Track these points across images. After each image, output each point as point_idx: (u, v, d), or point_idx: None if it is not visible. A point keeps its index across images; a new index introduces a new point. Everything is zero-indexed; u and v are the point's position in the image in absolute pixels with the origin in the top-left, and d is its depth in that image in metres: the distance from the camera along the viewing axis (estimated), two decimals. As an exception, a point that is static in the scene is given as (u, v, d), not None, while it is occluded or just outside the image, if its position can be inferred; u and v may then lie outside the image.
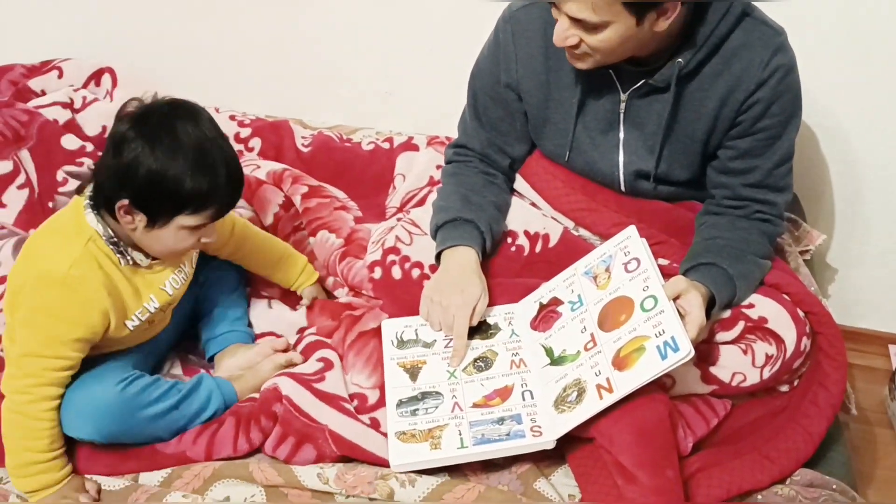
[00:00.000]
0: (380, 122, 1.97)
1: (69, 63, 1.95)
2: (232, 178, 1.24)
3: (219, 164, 1.21)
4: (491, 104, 1.48)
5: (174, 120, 1.20)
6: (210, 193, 1.21)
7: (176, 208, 1.21)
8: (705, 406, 1.35)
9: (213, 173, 1.20)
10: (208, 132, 1.22)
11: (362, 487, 1.24)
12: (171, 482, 1.27)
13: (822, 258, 1.86)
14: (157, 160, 1.18)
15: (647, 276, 1.27)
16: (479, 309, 1.37)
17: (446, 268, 1.41)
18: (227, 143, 1.26)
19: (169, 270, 1.33)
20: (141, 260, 1.29)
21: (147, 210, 1.21)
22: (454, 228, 1.43)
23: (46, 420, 1.23)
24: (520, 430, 1.25)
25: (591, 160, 1.45)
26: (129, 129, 1.19)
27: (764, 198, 1.38)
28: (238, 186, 1.26)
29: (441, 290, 1.38)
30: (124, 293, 1.28)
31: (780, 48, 1.30)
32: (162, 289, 1.32)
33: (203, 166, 1.20)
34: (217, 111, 1.96)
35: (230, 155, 1.25)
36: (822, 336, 1.34)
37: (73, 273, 1.21)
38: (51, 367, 1.22)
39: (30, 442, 1.23)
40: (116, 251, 1.26)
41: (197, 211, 1.22)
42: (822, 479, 1.28)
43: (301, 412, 1.31)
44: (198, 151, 1.19)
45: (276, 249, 1.55)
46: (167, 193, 1.19)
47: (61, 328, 1.22)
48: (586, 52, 1.27)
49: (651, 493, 1.19)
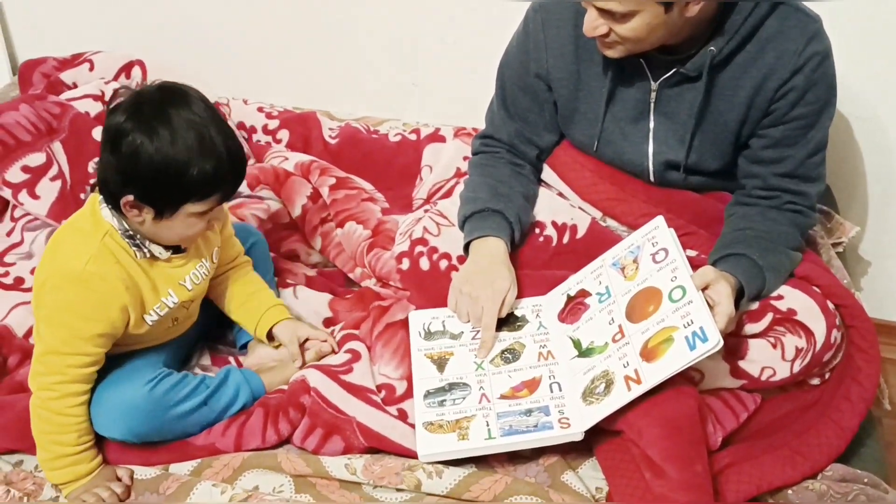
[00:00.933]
0: (406, 113, 1.97)
1: (100, 56, 1.96)
2: (235, 157, 1.20)
3: (219, 145, 1.17)
4: (520, 94, 1.47)
5: (167, 107, 1.16)
6: (216, 177, 1.18)
7: (183, 197, 1.18)
8: (735, 400, 1.34)
9: (215, 156, 1.17)
10: (203, 114, 1.18)
11: (389, 478, 1.24)
12: (201, 472, 1.28)
13: (854, 250, 1.83)
14: (158, 151, 1.14)
15: (676, 267, 1.26)
16: (508, 300, 1.36)
17: (475, 259, 1.41)
18: (223, 122, 1.22)
19: (190, 265, 1.31)
20: (160, 253, 1.26)
21: (153, 202, 1.18)
22: (483, 219, 1.43)
23: (73, 416, 1.24)
24: (548, 422, 1.24)
25: (621, 150, 1.44)
26: (123, 122, 1.15)
27: (796, 188, 1.36)
28: (241, 165, 1.22)
29: (470, 282, 1.38)
30: (143, 287, 1.26)
31: (815, 35, 1.28)
32: (181, 284, 1.30)
33: (204, 150, 1.16)
34: (245, 103, 1.98)
35: (229, 134, 1.20)
36: (855, 329, 1.32)
37: (89, 269, 1.21)
38: (73, 363, 1.23)
39: (58, 436, 1.24)
40: (133, 244, 1.24)
41: (204, 197, 1.20)
42: (853, 474, 1.27)
43: (329, 404, 1.32)
44: (197, 136, 1.16)
45: (247, 288, 1.45)
46: (172, 184, 1.16)
47: (81, 325, 1.22)
48: (616, 41, 1.26)
49: (679, 488, 1.18)
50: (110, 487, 1.25)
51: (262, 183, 1.73)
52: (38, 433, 1.25)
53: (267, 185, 1.73)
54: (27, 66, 1.96)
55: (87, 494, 1.25)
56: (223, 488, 1.24)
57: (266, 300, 1.44)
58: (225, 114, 1.89)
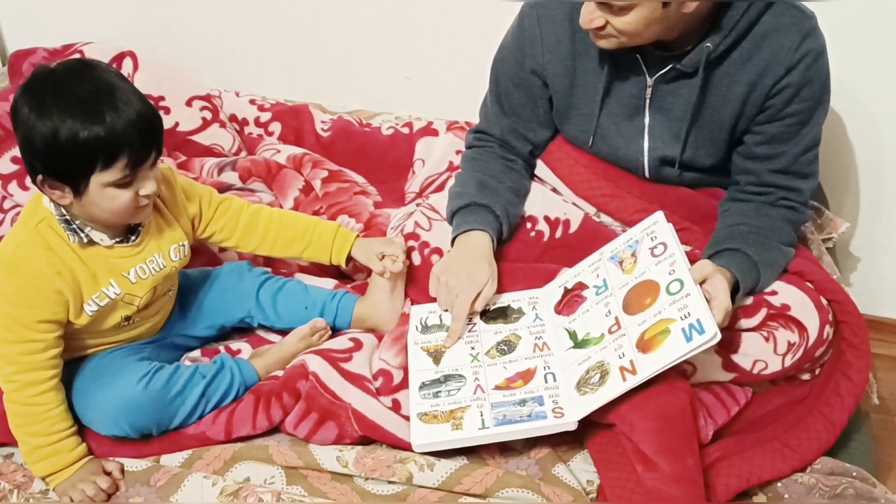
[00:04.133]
0: (399, 106, 1.96)
1: (91, 47, 1.94)
2: (132, 117, 1.14)
3: (111, 107, 1.13)
4: (514, 90, 1.47)
5: (60, 79, 1.14)
6: (110, 140, 1.13)
7: (86, 167, 1.15)
8: (726, 394, 1.35)
9: (105, 118, 1.12)
10: (97, 82, 1.14)
11: (381, 471, 1.24)
12: (192, 463, 1.28)
13: (845, 246, 1.84)
14: (46, 124, 1.12)
15: (674, 261, 1.27)
16: (484, 294, 1.36)
17: (458, 250, 1.41)
18: (126, 88, 1.17)
19: (138, 258, 1.28)
20: (101, 239, 1.24)
21: (63, 178, 1.15)
22: (469, 213, 1.43)
23: (39, 405, 1.23)
24: (541, 412, 1.24)
25: (616, 146, 1.44)
26: (17, 100, 1.14)
27: (789, 184, 1.37)
28: (145, 124, 1.16)
29: (448, 271, 1.38)
30: (79, 274, 1.23)
31: (810, 32, 1.28)
32: (125, 276, 1.27)
33: (93, 114, 1.12)
34: (237, 95, 1.97)
35: (127, 96, 1.15)
36: (846, 325, 1.33)
37: (17, 255, 1.20)
38: (24, 351, 1.21)
39: (29, 428, 1.23)
40: (68, 229, 1.21)
41: (109, 164, 1.15)
42: (842, 468, 1.28)
43: (327, 389, 1.32)
44: (86, 103, 1.12)
45: (298, 225, 1.46)
46: (68, 154, 1.13)
47: (18, 312, 1.20)
48: (611, 34, 1.26)
49: (671, 481, 1.19)
50: (96, 482, 1.24)
51: (254, 175, 1.73)
52: (12, 427, 1.25)
53: (259, 178, 1.73)
54: (17, 56, 1.95)
55: (73, 490, 1.24)
56: (214, 480, 1.24)
57: (327, 228, 1.45)
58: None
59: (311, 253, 1.46)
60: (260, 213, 1.46)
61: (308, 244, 1.45)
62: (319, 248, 1.45)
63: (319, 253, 1.45)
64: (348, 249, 1.45)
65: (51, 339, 1.23)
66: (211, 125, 1.86)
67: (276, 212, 1.49)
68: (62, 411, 1.25)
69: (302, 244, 1.45)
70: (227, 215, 1.43)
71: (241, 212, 1.44)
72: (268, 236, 1.44)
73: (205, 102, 1.87)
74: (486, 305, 1.40)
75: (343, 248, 1.45)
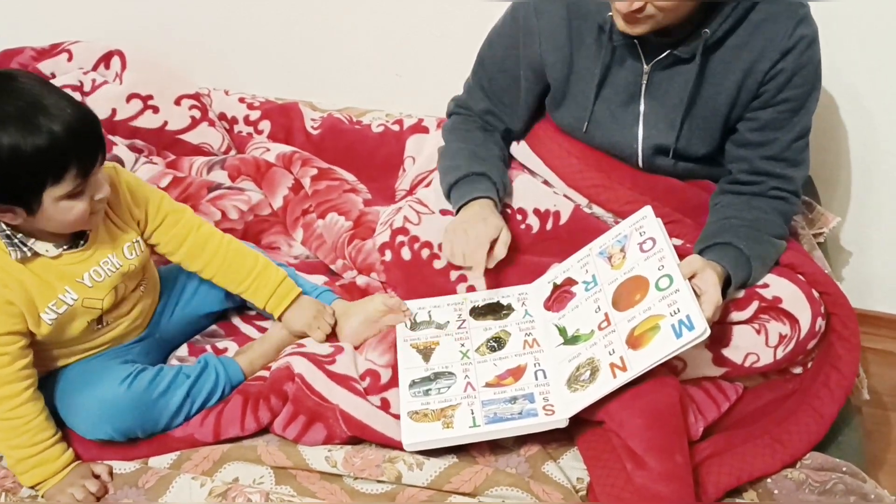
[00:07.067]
0: (390, 104, 1.96)
1: (78, 46, 1.93)
2: (73, 125, 1.11)
3: (47, 117, 1.09)
4: (498, 75, 1.49)
5: None
6: (54, 150, 1.10)
7: (36, 184, 1.11)
8: (716, 390, 1.35)
9: (44, 129, 1.09)
10: (26, 95, 1.11)
11: (370, 470, 1.23)
12: (181, 464, 1.27)
13: (836, 241, 1.85)
14: None
15: (663, 256, 1.26)
16: (502, 238, 1.36)
17: (466, 210, 1.42)
18: (56, 95, 1.14)
19: (91, 262, 1.24)
20: (46, 251, 1.20)
21: (13, 200, 1.12)
22: (468, 184, 1.44)
23: (17, 418, 1.21)
24: (532, 409, 1.24)
25: (610, 133, 1.44)
26: None
27: (781, 172, 1.37)
28: (85, 128, 1.14)
29: (464, 221, 1.39)
30: (29, 285, 1.20)
31: (803, 19, 1.30)
32: (79, 281, 1.23)
33: (32, 127, 1.08)
34: (227, 93, 1.96)
35: (61, 106, 1.12)
36: (836, 317, 1.33)
37: None
38: None
39: (11, 441, 1.22)
40: (10, 245, 1.18)
41: (59, 177, 1.12)
42: (832, 463, 1.28)
43: (313, 391, 1.31)
44: (20, 118, 1.08)
45: (245, 264, 1.40)
46: (14, 173, 1.10)
47: None
48: (649, 15, 1.24)
49: (660, 479, 1.19)
50: (85, 486, 1.23)
51: (244, 174, 1.72)
52: None
53: (248, 177, 1.72)
54: (4, 55, 1.93)
55: (62, 494, 1.23)
56: (202, 481, 1.23)
57: (271, 278, 1.39)
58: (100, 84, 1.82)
59: (249, 295, 1.41)
60: (211, 238, 1.40)
61: (248, 287, 1.40)
62: (258, 296, 1.40)
63: (257, 299, 1.41)
64: (284, 307, 1.40)
65: (16, 350, 1.21)
66: (200, 124, 1.84)
67: (227, 241, 1.41)
68: (42, 421, 1.23)
69: (243, 285, 1.40)
70: (175, 228, 1.37)
71: (191, 230, 1.38)
72: (211, 264, 1.39)
73: (194, 101, 1.86)
74: (475, 301, 1.40)
75: (280, 304, 1.40)
